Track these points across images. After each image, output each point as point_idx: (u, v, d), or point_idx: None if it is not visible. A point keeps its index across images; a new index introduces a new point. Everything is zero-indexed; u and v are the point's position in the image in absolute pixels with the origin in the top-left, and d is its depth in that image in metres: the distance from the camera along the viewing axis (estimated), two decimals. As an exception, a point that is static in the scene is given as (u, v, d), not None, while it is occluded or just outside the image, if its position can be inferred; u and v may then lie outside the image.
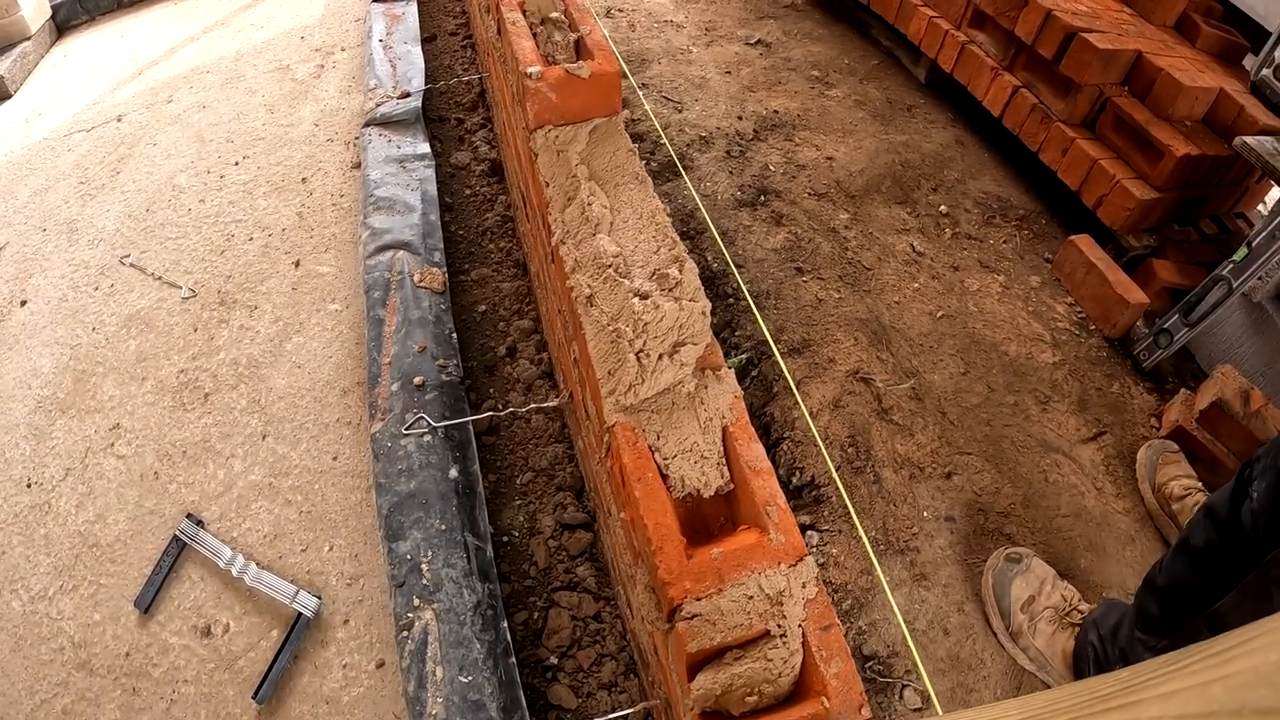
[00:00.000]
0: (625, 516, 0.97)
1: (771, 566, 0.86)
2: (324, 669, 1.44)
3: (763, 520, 0.88)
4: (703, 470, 0.92)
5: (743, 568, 0.85)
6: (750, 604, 0.85)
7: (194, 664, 1.50)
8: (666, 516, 0.87)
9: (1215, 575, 1.17)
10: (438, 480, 1.42)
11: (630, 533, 0.96)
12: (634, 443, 0.91)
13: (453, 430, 1.49)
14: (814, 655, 0.84)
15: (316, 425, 1.78)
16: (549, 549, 1.57)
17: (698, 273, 0.97)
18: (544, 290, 1.60)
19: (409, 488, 1.41)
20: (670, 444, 0.92)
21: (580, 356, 1.06)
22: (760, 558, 0.86)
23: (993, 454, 1.80)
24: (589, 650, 1.45)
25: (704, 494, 0.92)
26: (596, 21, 1.32)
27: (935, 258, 2.22)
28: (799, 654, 0.85)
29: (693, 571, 0.84)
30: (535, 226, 1.50)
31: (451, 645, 1.21)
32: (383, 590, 1.49)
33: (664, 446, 0.91)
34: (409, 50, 2.69)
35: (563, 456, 1.69)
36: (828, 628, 0.87)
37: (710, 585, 0.84)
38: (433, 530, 1.34)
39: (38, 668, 1.54)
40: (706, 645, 0.83)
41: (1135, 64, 2.22)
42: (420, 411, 1.49)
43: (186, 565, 1.63)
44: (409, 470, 1.44)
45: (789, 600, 0.86)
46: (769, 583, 0.85)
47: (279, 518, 1.64)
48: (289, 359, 1.93)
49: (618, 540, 1.17)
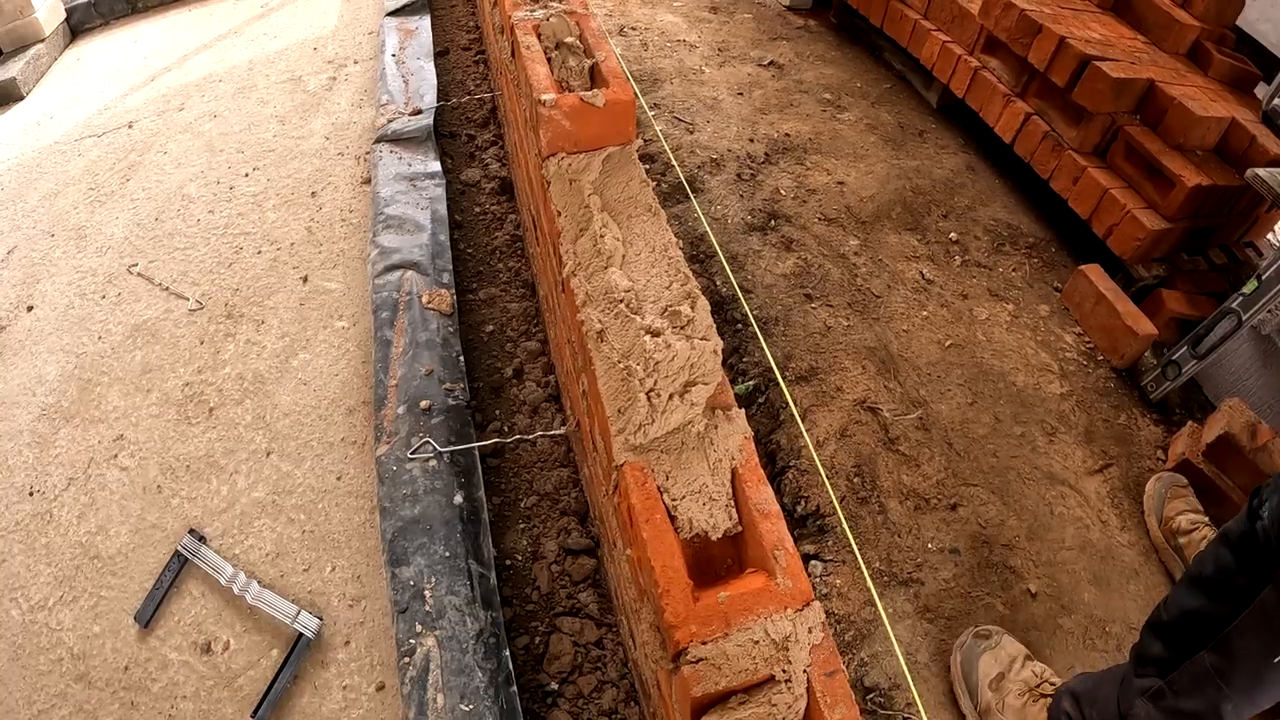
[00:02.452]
0: (632, 555, 0.96)
1: (778, 611, 0.85)
2: (324, 690, 1.44)
3: (770, 564, 0.88)
4: (711, 512, 0.91)
5: (749, 612, 0.85)
6: (756, 649, 0.84)
7: (193, 680, 1.50)
8: (674, 559, 0.86)
9: (1231, 600, 1.16)
10: (442, 506, 1.41)
11: (637, 571, 0.96)
12: (643, 483, 0.90)
13: (458, 455, 1.49)
14: (819, 701, 0.83)
15: (321, 444, 1.77)
16: (552, 574, 1.56)
17: (710, 309, 0.97)
18: (553, 316, 1.60)
19: (413, 513, 1.41)
20: (679, 485, 0.91)
21: (590, 391, 1.05)
22: (767, 602, 0.85)
23: (998, 486, 1.79)
24: (590, 677, 1.44)
25: (712, 536, 0.91)
26: (612, 48, 1.32)
27: (944, 285, 2.22)
28: (803, 699, 0.84)
29: (699, 615, 0.83)
30: (546, 252, 1.50)
31: (453, 673, 1.20)
32: (384, 613, 1.49)
33: (673, 488, 0.91)
34: (422, 66, 2.70)
35: (567, 481, 1.68)
36: (832, 674, 0.86)
37: (717, 629, 0.83)
38: (436, 557, 1.34)
39: (36, 678, 1.53)
40: (711, 689, 0.82)
41: (1147, 92, 2.22)
42: (426, 435, 1.49)
43: (188, 581, 1.62)
44: (413, 495, 1.44)
45: (795, 645, 0.85)
46: (775, 628, 0.85)
47: (281, 536, 1.63)
48: (295, 375, 1.93)
49: (622, 573, 1.16)
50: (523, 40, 1.35)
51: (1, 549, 1.73)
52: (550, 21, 1.40)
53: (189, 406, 1.91)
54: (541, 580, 1.55)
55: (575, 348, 1.15)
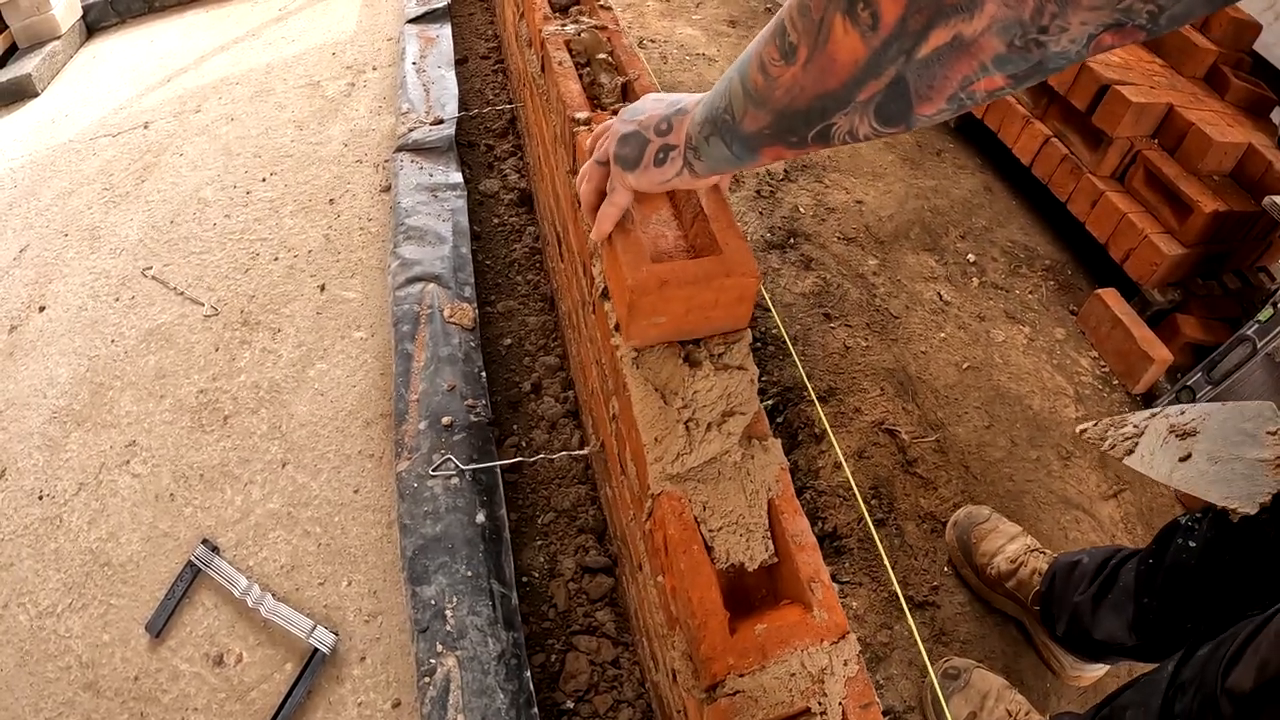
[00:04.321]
0: (665, 583, 0.95)
1: (815, 644, 0.85)
2: (338, 705, 1.43)
3: (806, 596, 0.87)
4: (748, 544, 0.91)
5: (786, 645, 0.84)
6: (792, 681, 0.83)
7: (204, 692, 1.48)
8: (711, 591, 0.86)
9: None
10: (464, 524, 1.41)
11: (670, 599, 0.95)
12: (680, 513, 0.89)
13: (480, 473, 1.48)
14: (853, 733, 0.83)
15: (338, 456, 1.76)
16: (569, 591, 1.55)
17: (750, 339, 0.96)
18: (575, 333, 1.59)
19: (435, 530, 1.40)
20: (716, 516, 0.90)
21: (622, 415, 1.05)
22: (804, 635, 0.85)
23: (1014, 509, 1.78)
24: (606, 696, 1.43)
25: (749, 567, 0.91)
26: (645, 65, 1.31)
27: (962, 307, 2.22)
28: (839, 731, 0.83)
29: (736, 648, 0.83)
30: (571, 269, 1.49)
31: (474, 694, 1.19)
32: (401, 629, 1.48)
33: (710, 519, 0.90)
34: (443, 75, 2.69)
35: (585, 498, 1.67)
36: (867, 706, 0.85)
37: (754, 662, 0.83)
38: (458, 576, 1.33)
39: (43, 685, 1.52)
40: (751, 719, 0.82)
41: (1166, 116, 2.22)
42: (448, 452, 1.48)
43: (200, 591, 1.61)
44: (435, 513, 1.43)
45: (830, 678, 0.84)
46: (811, 660, 0.84)
47: (297, 548, 1.62)
48: (311, 386, 1.92)
49: (648, 598, 1.15)
50: (554, 55, 1.35)
51: (10, 553, 1.72)
52: (581, 37, 1.39)
53: (203, 414, 1.90)
54: (559, 598, 1.54)
55: (606, 370, 1.14)
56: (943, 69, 0.46)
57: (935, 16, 0.44)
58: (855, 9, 0.48)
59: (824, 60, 0.52)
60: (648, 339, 0.94)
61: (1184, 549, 1.24)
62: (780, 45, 0.55)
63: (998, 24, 0.42)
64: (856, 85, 0.51)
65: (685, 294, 0.88)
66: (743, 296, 0.92)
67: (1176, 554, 1.25)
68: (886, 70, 0.49)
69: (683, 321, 0.93)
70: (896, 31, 0.46)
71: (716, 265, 0.89)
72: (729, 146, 0.68)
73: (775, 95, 0.58)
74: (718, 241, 0.91)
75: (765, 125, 0.61)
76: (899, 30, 0.46)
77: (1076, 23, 0.39)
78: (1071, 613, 1.44)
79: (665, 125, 0.77)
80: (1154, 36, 0.40)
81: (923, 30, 0.45)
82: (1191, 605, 1.23)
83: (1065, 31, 0.40)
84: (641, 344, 0.95)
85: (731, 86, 0.64)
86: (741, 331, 0.98)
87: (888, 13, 0.46)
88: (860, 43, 0.49)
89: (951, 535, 1.71)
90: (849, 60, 0.50)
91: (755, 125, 0.62)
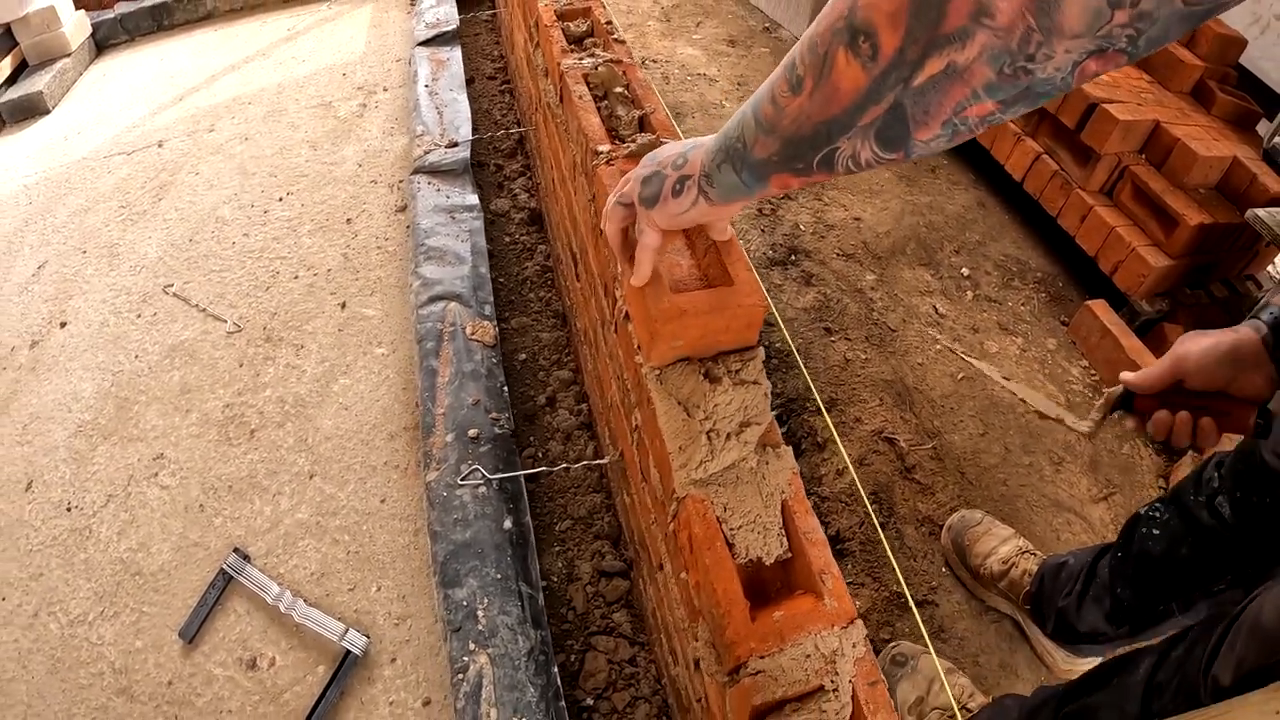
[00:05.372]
0: (690, 578, 1.03)
1: (826, 628, 0.93)
2: (370, 705, 1.49)
3: (818, 586, 0.95)
4: (765, 540, 0.99)
5: (801, 629, 0.92)
6: (807, 662, 0.92)
7: (238, 695, 1.53)
8: (733, 583, 0.94)
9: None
10: (492, 531, 1.48)
11: (695, 594, 1.03)
12: (704, 514, 0.98)
13: (505, 482, 1.56)
14: (863, 708, 0.91)
15: (364, 467, 1.83)
16: (586, 595, 1.63)
17: (763, 356, 1.05)
18: (593, 350, 1.67)
19: (464, 537, 1.47)
20: (736, 516, 0.99)
21: (646, 427, 1.13)
22: (816, 620, 0.93)
23: (1008, 513, 1.86)
24: (624, 693, 1.51)
25: (765, 561, 0.99)
26: (660, 99, 1.40)
27: (957, 319, 2.30)
28: (849, 706, 0.92)
29: (757, 633, 0.91)
30: (589, 288, 1.57)
31: (506, 689, 1.27)
32: (429, 631, 1.55)
33: (730, 518, 0.98)
34: (455, 98, 2.77)
35: (600, 506, 1.75)
36: (874, 683, 0.94)
37: (773, 645, 0.91)
38: (488, 579, 1.40)
39: (76, 691, 1.56)
40: (769, 699, 0.90)
41: (1152, 132, 2.31)
42: (475, 463, 1.56)
43: (232, 598, 1.67)
44: (464, 520, 1.50)
45: (841, 659, 0.93)
46: (824, 643, 0.93)
47: (326, 556, 1.69)
48: (336, 400, 1.99)
49: (668, 595, 1.23)
50: (574, 89, 1.43)
51: (39, 563, 1.76)
52: (598, 70, 1.48)
53: (230, 428, 1.97)
54: (577, 601, 1.62)
55: (629, 386, 1.22)
56: (937, 95, 0.52)
57: (929, 47, 0.49)
58: (856, 42, 0.54)
59: (828, 89, 0.58)
60: (666, 359, 1.04)
61: (1149, 537, 1.32)
62: (789, 79, 0.63)
63: (988, 52, 0.47)
64: (858, 110, 0.57)
65: (702, 321, 0.99)
66: (751, 322, 1.03)
67: (1141, 542, 1.33)
68: (886, 97, 0.54)
69: (698, 343, 1.03)
70: (895, 61, 0.52)
71: (729, 295, 0.99)
72: (739, 174, 0.74)
73: (783, 123, 0.64)
74: (729, 273, 1.00)
75: (774, 152, 0.68)
76: (897, 60, 0.52)
77: (1061, 51, 0.44)
78: (1059, 611, 1.52)
79: (681, 160, 0.85)
80: (1135, 59, 0.44)
81: (919, 60, 0.51)
82: (1162, 589, 1.31)
83: (1051, 59, 0.45)
84: (660, 364, 1.04)
85: (744, 118, 0.72)
86: (755, 349, 1.06)
87: (886, 44, 0.52)
88: (861, 72, 0.54)
89: (947, 538, 1.79)
90: (851, 89, 0.56)
91: (764, 152, 0.69)
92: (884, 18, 0.51)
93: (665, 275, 1.01)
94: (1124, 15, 0.40)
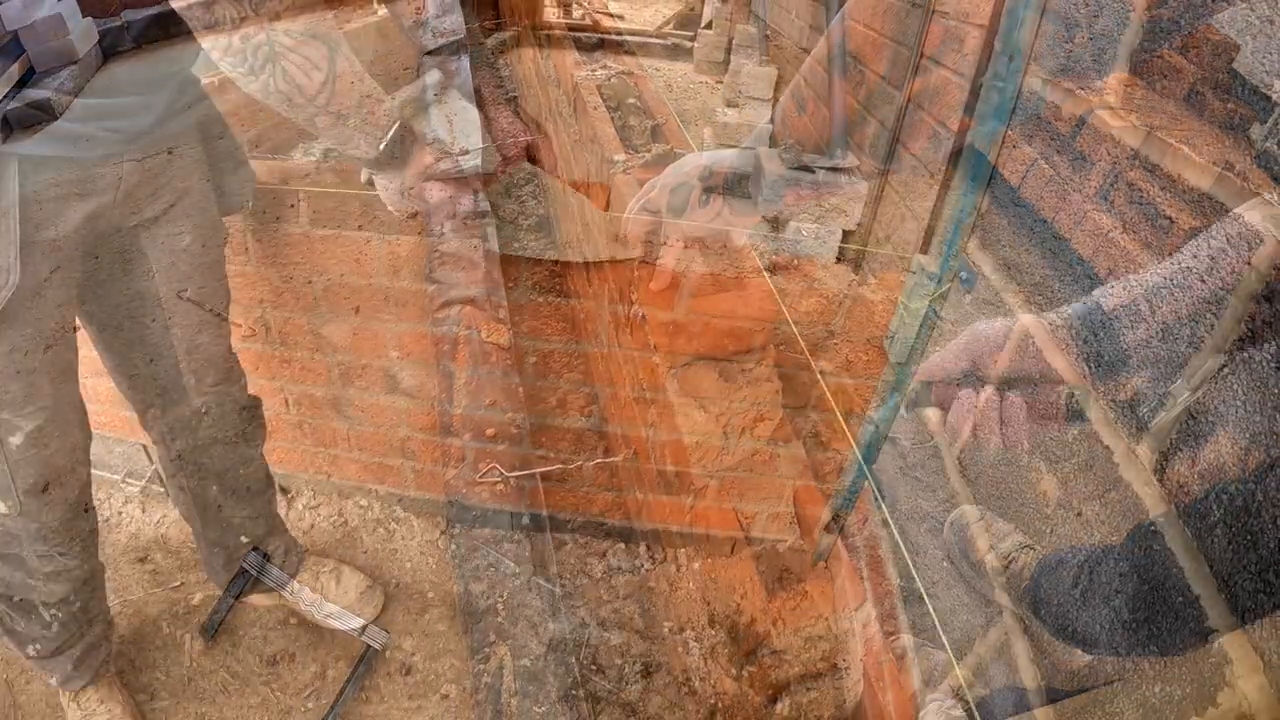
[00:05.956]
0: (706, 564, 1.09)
1: (839, 610, 0.98)
2: (390, 698, 1.53)
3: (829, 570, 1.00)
4: (778, 527, 1.04)
5: (814, 610, 0.97)
6: (822, 641, 0.97)
7: (260, 690, 1.58)
8: (750, 567, 0.99)
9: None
10: (510, 526, 1.53)
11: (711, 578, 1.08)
12: (720, 504, 1.03)
13: (522, 480, 1.60)
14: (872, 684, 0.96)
15: (381, 468, 1.88)
16: (598, 589, 1.67)
17: (772, 356, 1.10)
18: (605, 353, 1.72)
19: (484, 532, 1.52)
20: (750, 504, 1.04)
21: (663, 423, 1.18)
22: (829, 602, 0.98)
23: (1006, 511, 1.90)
24: (636, 685, 1.54)
25: (779, 548, 1.04)
26: (671, 110, 1.45)
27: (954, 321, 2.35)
28: (860, 682, 0.97)
29: (773, 614, 0.96)
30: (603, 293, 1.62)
31: (526, 680, 1.31)
32: (448, 625, 1.59)
33: (745, 506, 1.03)
34: (465, 106, 2.80)
35: (611, 504, 1.79)
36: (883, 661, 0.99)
37: (788, 625, 0.96)
38: (507, 572, 1.45)
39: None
40: (787, 675, 0.95)
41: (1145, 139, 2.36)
42: (493, 461, 1.60)
43: (252, 596, 1.71)
44: (483, 516, 1.55)
45: (852, 639, 0.98)
46: (836, 623, 0.98)
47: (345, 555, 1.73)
48: (351, 403, 2.03)
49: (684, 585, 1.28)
50: (588, 100, 1.49)
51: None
52: (611, 82, 1.53)
53: (248, 428, 2.00)
54: (589, 595, 1.66)
55: (646, 385, 1.27)
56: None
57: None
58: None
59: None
60: (680, 360, 1.10)
61: (1148, 546, 1.36)
62: (796, 101, 0.69)
63: None
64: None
65: (716, 325, 1.04)
66: (762, 326, 1.08)
67: (1141, 547, 1.38)
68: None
69: (713, 346, 1.08)
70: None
71: (740, 301, 1.04)
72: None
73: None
74: (740, 279, 1.06)
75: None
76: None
77: None
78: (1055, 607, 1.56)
79: (707, 173, 0.91)
80: None
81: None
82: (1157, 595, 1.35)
83: None
84: (676, 365, 1.10)
85: (761, 135, 0.78)
86: (767, 350, 1.12)
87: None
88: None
89: (949, 534, 1.83)
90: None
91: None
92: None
93: (683, 279, 1.06)
94: None
